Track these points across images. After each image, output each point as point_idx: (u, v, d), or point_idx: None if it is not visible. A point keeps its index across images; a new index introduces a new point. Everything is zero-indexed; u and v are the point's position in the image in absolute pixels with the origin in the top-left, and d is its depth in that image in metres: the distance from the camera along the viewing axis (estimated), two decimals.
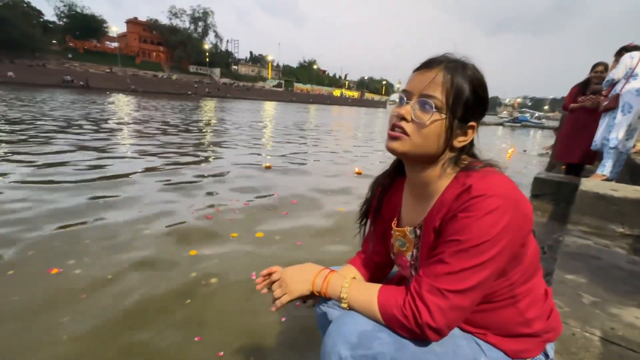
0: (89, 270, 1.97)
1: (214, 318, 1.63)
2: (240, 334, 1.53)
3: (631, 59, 2.88)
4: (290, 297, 0.72)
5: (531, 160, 8.62)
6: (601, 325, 1.04)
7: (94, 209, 2.90)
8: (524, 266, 0.61)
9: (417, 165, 0.67)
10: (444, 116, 0.60)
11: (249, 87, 60.60)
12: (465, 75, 0.60)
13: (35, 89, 25.36)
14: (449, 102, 0.60)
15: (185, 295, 1.79)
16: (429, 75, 0.61)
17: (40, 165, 4.25)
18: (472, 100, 0.61)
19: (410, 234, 0.72)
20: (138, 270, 2.00)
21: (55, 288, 1.78)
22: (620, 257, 1.56)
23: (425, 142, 0.62)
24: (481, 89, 0.62)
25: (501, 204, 0.54)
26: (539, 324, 0.65)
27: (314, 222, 2.98)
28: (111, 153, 5.35)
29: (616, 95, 2.95)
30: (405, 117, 0.62)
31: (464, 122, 0.62)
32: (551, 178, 3.13)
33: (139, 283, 1.88)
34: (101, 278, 1.89)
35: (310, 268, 0.74)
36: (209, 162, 5.23)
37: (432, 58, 0.63)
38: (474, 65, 0.63)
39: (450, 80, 0.60)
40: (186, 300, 1.73)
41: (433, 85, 0.60)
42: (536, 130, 31.44)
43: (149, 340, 1.45)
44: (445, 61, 0.61)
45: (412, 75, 0.65)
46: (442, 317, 0.56)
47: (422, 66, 0.64)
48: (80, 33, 52.12)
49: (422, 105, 0.61)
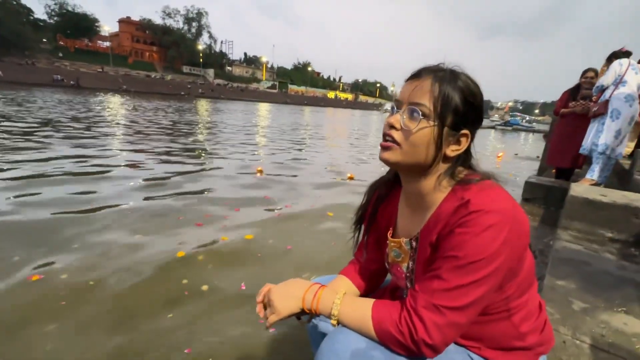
0: (73, 276, 1.92)
1: (204, 327, 1.59)
2: (230, 345, 1.50)
3: (620, 66, 2.92)
4: (279, 317, 0.69)
5: (521, 163, 8.74)
6: (591, 332, 1.04)
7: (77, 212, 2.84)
8: (519, 280, 0.61)
9: (411, 175, 0.66)
10: (432, 123, 0.60)
11: (243, 88, 60.32)
12: (454, 83, 0.60)
13: (23, 88, 24.83)
14: (436, 109, 0.59)
15: (173, 303, 1.75)
16: (417, 83, 0.62)
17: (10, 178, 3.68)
18: (463, 108, 0.60)
19: (406, 245, 0.71)
20: (124, 276, 1.96)
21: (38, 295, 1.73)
22: (610, 263, 1.58)
23: (415, 150, 0.61)
24: (472, 96, 0.61)
25: (499, 220, 0.53)
26: (532, 337, 0.65)
27: (306, 226, 2.96)
28: (97, 154, 5.25)
29: (605, 102, 2.99)
30: (395, 125, 0.62)
31: (455, 130, 0.61)
32: (542, 182, 3.17)
33: (126, 289, 1.83)
34: (84, 283, 1.85)
35: (298, 284, 0.72)
36: (199, 165, 5.16)
37: (423, 67, 0.63)
38: (466, 74, 0.62)
39: (438, 88, 0.59)
40: (171, 311, 1.69)
41: (420, 92, 0.60)
42: (527, 134, 31.92)
43: (137, 348, 1.42)
44: (435, 70, 0.62)
45: (404, 84, 0.65)
46: (438, 333, 0.55)
47: (412, 76, 0.64)
48: (72, 32, 51.43)
49: (410, 113, 0.61)
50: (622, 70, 2.92)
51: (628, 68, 2.91)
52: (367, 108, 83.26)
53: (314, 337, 0.89)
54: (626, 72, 2.90)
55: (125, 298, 1.77)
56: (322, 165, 5.98)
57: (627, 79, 2.90)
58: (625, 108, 2.89)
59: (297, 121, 17.50)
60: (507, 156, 9.69)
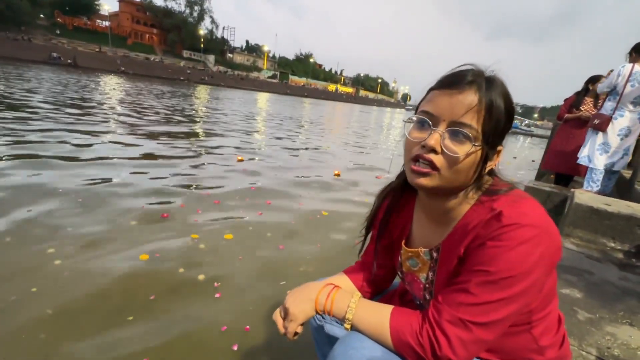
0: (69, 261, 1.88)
1: None
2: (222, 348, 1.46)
3: (617, 76, 2.76)
4: (296, 323, 0.66)
5: (520, 167, 8.75)
6: (597, 344, 1.03)
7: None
8: (543, 293, 0.58)
9: (441, 195, 0.61)
10: (478, 147, 0.54)
11: (244, 76, 59.60)
12: (495, 95, 0.53)
13: (17, 65, 24.25)
14: (485, 130, 0.54)
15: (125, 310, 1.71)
16: (459, 98, 0.53)
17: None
18: (505, 122, 0.56)
19: (425, 255, 0.68)
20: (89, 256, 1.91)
21: None
22: (613, 273, 1.57)
23: (457, 176, 0.56)
24: (511, 106, 0.56)
25: (535, 235, 0.50)
26: (552, 352, 0.63)
27: (288, 223, 2.80)
28: (89, 139, 5.15)
29: (608, 118, 2.86)
30: (436, 148, 0.54)
31: (494, 148, 0.57)
32: (542, 187, 3.16)
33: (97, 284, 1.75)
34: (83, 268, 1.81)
35: (311, 287, 0.69)
36: (188, 153, 5.01)
37: (458, 74, 0.55)
38: (500, 78, 0.56)
39: (486, 107, 0.53)
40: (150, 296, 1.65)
41: (464, 109, 0.53)
42: (525, 138, 32.06)
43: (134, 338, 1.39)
44: (476, 80, 0.54)
45: (435, 94, 0.56)
46: (463, 350, 0.52)
47: (448, 85, 0.55)
48: (70, 9, 50.15)
49: (454, 135, 0.54)
50: (617, 80, 2.73)
51: (628, 79, 2.67)
52: (368, 103, 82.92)
53: (318, 339, 0.87)
54: (625, 85, 2.69)
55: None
56: (311, 160, 5.86)
57: (619, 90, 2.74)
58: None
59: (297, 114, 17.33)
60: (505, 160, 9.65)
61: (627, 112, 2.82)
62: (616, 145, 2.90)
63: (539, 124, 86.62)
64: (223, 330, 1.51)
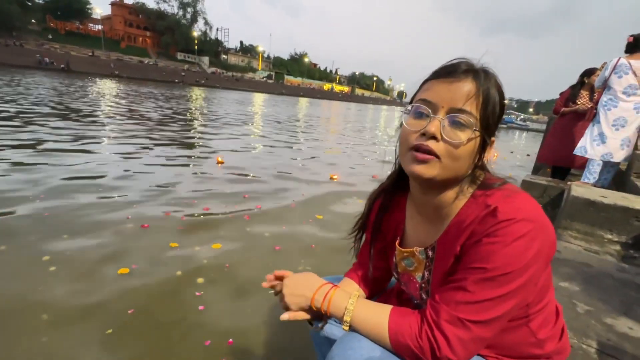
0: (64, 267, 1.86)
1: None
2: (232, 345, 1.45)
3: (606, 70, 2.81)
4: (288, 312, 0.67)
5: (516, 161, 8.79)
6: (597, 337, 1.03)
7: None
8: (539, 286, 0.58)
9: (437, 189, 0.60)
10: (477, 134, 0.54)
11: (239, 77, 59.43)
12: (491, 84, 0.55)
13: (9, 71, 24.03)
14: (482, 116, 0.54)
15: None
16: (458, 86, 0.54)
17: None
18: (499, 113, 0.56)
19: (420, 254, 0.67)
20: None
21: None
22: (610, 265, 1.57)
23: (456, 164, 0.55)
24: (503, 98, 0.57)
25: (531, 229, 0.50)
26: (550, 344, 0.63)
27: (279, 228, 2.72)
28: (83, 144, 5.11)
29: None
30: (436, 135, 0.54)
31: (490, 137, 0.57)
32: (538, 181, 3.17)
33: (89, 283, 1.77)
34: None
35: (309, 282, 0.68)
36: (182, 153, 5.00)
37: (455, 64, 0.56)
38: (492, 71, 0.57)
39: (483, 93, 0.54)
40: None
41: (463, 96, 0.53)
42: (521, 132, 32.20)
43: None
44: (472, 70, 0.55)
45: (433, 83, 0.57)
46: (462, 349, 0.51)
47: (445, 74, 0.56)
48: (62, 13, 49.85)
49: (454, 122, 0.54)
50: (606, 73, 2.80)
51: (613, 70, 2.74)
52: (364, 101, 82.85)
53: (317, 340, 0.86)
54: (611, 76, 2.76)
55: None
56: (308, 160, 5.85)
57: (611, 84, 2.80)
58: (602, 113, 2.85)
59: (293, 114, 17.30)
60: (502, 155, 9.73)
61: (620, 102, 2.84)
62: (612, 136, 2.91)
63: (534, 118, 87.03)
64: (207, 344, 1.43)
